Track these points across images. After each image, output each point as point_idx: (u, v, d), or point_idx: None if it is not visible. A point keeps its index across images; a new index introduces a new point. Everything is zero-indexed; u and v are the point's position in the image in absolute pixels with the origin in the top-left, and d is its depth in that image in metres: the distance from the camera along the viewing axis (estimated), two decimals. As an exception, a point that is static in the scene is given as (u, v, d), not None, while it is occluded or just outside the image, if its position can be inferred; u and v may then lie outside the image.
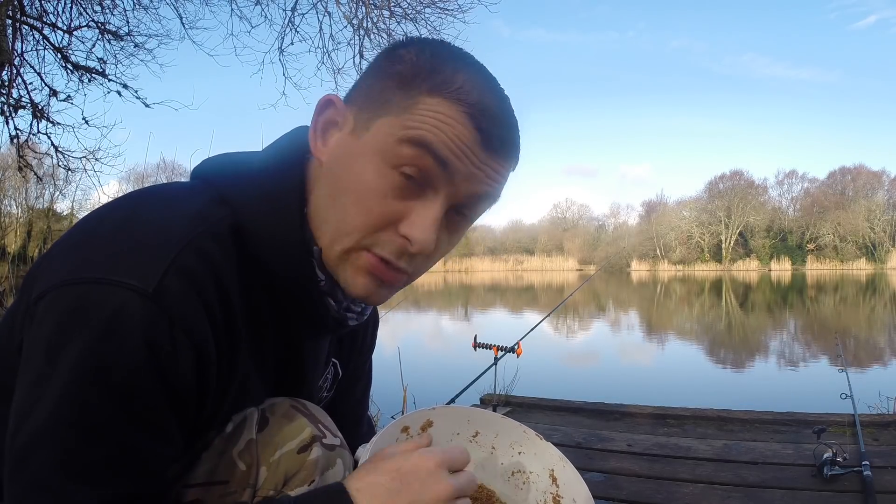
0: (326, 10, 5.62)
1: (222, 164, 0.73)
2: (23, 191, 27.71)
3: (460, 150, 0.64)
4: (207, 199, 0.67)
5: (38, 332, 0.57)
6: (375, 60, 0.71)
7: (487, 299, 21.99)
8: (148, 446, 0.58)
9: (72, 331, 0.55)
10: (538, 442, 0.88)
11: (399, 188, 0.64)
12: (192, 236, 0.61)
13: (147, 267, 0.57)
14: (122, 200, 0.67)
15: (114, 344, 0.55)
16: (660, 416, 3.55)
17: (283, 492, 0.71)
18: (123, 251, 0.58)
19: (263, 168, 0.70)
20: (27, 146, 5.94)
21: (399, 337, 10.59)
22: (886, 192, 53.56)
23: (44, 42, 5.53)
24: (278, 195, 0.68)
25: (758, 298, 22.48)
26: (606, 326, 13.76)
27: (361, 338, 0.97)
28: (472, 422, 0.87)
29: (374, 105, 0.66)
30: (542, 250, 61.70)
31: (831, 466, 2.35)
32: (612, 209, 65.77)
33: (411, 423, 0.84)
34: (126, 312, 0.55)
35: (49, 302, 0.57)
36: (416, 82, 0.64)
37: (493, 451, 0.88)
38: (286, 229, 0.67)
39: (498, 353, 3.84)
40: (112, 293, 0.55)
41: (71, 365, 0.54)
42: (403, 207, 0.65)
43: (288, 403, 0.75)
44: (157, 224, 0.61)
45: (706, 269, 52.95)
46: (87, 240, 0.62)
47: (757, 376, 7.40)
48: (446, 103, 0.63)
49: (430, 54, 0.67)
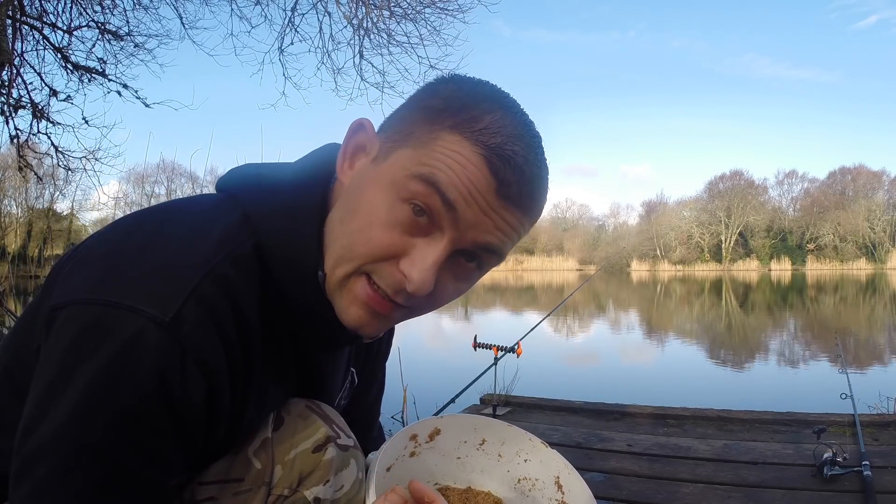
0: (326, 10, 5.63)
1: (249, 178, 0.72)
2: (23, 191, 27.73)
3: (470, 194, 0.61)
4: (233, 220, 0.66)
5: (54, 345, 0.57)
6: (415, 92, 0.70)
7: (487, 299, 21.97)
8: (147, 474, 0.58)
9: (86, 351, 0.55)
10: (544, 450, 0.90)
11: (406, 223, 0.62)
12: (214, 262, 0.61)
13: (166, 294, 0.57)
14: (149, 214, 0.67)
15: (126, 370, 0.55)
16: (660, 416, 3.55)
17: (297, 490, 0.71)
18: (145, 274, 0.59)
19: (288, 187, 0.70)
20: (27, 146, 5.95)
21: (399, 337, 10.53)
22: (886, 192, 53.62)
23: (44, 42, 5.54)
24: (299, 218, 0.68)
25: (758, 298, 22.47)
26: (606, 326, 13.76)
27: (377, 345, 0.98)
28: (478, 430, 0.89)
29: (398, 135, 0.65)
30: (542, 250, 61.66)
31: (831, 466, 2.35)
32: (612, 209, 65.85)
33: (419, 431, 0.85)
34: (141, 340, 0.55)
35: (67, 316, 0.57)
36: (442, 117, 0.62)
37: (499, 458, 0.90)
38: (303, 253, 0.67)
39: (498, 353, 3.84)
40: (129, 319, 0.56)
41: (82, 385, 0.55)
42: (407, 243, 0.63)
43: (303, 404, 0.76)
44: (180, 246, 0.61)
45: (706, 269, 52.94)
46: (112, 255, 0.61)
47: (757, 376, 7.40)
48: (465, 143, 0.61)
49: (466, 92, 0.64)
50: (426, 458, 0.86)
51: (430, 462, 0.86)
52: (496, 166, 0.61)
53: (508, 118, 0.63)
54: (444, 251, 0.63)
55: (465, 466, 0.89)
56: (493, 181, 0.61)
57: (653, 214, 58.95)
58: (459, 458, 0.89)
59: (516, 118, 0.64)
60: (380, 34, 5.64)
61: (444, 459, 0.88)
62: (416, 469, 0.85)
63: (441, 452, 0.87)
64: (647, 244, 56.67)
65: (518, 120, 0.64)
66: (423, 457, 0.86)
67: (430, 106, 0.64)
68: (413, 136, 0.63)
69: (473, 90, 0.65)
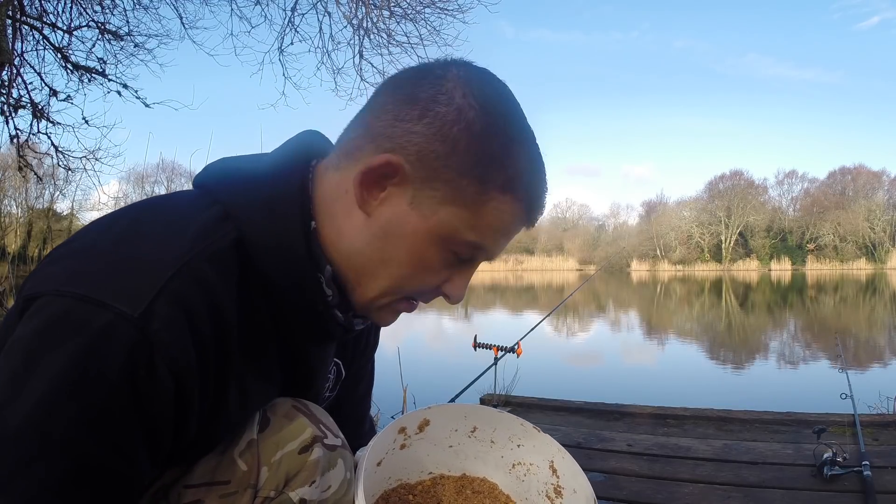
0: (326, 10, 5.63)
1: (224, 173, 0.72)
2: (23, 191, 27.70)
3: (507, 238, 0.71)
4: (211, 215, 0.66)
5: (21, 332, 0.57)
6: (419, 94, 0.66)
7: (487, 299, 21.97)
8: (112, 467, 0.57)
9: (53, 343, 0.55)
10: (537, 434, 0.89)
11: (450, 262, 0.71)
12: (189, 257, 0.61)
13: (138, 290, 0.57)
14: (128, 210, 0.67)
15: (93, 364, 0.55)
16: (660, 416, 3.55)
17: (283, 492, 0.71)
18: (118, 269, 0.59)
19: (266, 179, 0.69)
20: (27, 146, 5.95)
21: (399, 337, 10.58)
22: (886, 192, 53.59)
23: (44, 42, 5.54)
24: (282, 211, 0.67)
25: (758, 298, 22.47)
26: (606, 326, 13.76)
27: (365, 339, 0.98)
28: (469, 417, 0.89)
29: (443, 188, 0.65)
30: (542, 250, 61.67)
31: (831, 466, 2.35)
32: (612, 209, 65.84)
33: (408, 423, 0.85)
34: (108, 335, 0.55)
35: (38, 307, 0.57)
36: (492, 175, 0.65)
37: (492, 444, 0.89)
38: (290, 245, 0.67)
39: (498, 353, 3.84)
40: (97, 313, 0.56)
41: (48, 377, 0.54)
42: (448, 274, 0.72)
43: (289, 403, 0.75)
44: (155, 242, 0.61)
45: (706, 269, 52.94)
46: (87, 249, 0.62)
47: (757, 376, 7.40)
48: (514, 202, 0.67)
49: (501, 130, 0.66)
50: (417, 448, 0.85)
51: (422, 452, 0.86)
52: (531, 211, 0.70)
53: (531, 147, 0.69)
54: (475, 269, 0.74)
55: (459, 454, 0.88)
56: (526, 221, 0.71)
57: (653, 214, 58.95)
58: (452, 447, 0.88)
59: (532, 142, 0.70)
60: (380, 34, 5.65)
61: (435, 449, 0.87)
62: (407, 461, 0.85)
63: (432, 442, 0.87)
64: (647, 244, 56.66)
65: (534, 144, 0.70)
66: (413, 448, 0.85)
67: (470, 150, 0.65)
68: (464, 194, 0.66)
69: (495, 110, 0.66)
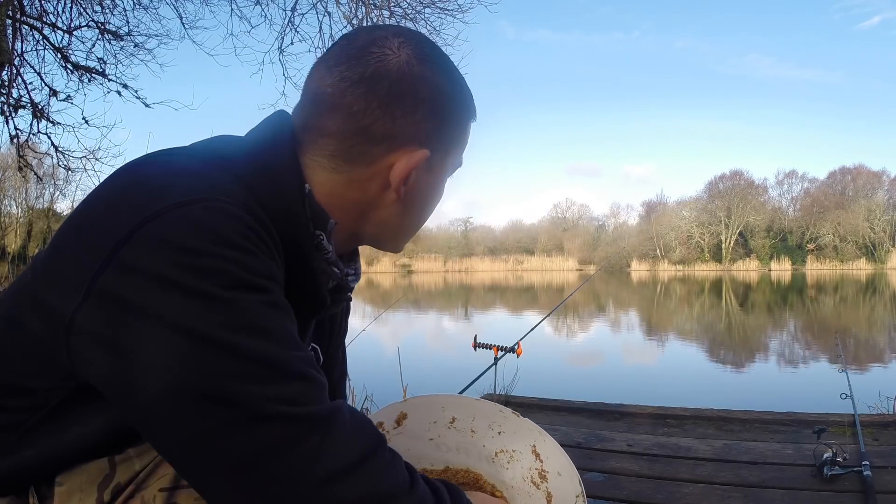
0: (326, 10, 5.63)
1: (219, 144, 0.71)
2: (23, 191, 27.72)
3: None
4: (226, 176, 0.64)
5: (142, 281, 0.53)
6: (421, 88, 0.70)
7: (487, 299, 21.98)
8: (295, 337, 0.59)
9: (190, 255, 0.53)
10: (516, 420, 0.88)
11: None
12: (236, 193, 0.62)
13: (210, 188, 0.60)
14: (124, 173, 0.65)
15: (229, 248, 0.55)
16: (660, 416, 3.55)
17: None
18: (185, 183, 0.60)
19: (258, 150, 0.69)
20: (27, 146, 5.95)
21: (399, 337, 10.59)
22: (886, 192, 53.63)
23: (44, 42, 5.54)
24: (279, 173, 0.68)
25: (758, 298, 22.48)
26: (606, 326, 13.77)
27: (339, 323, 0.97)
28: (447, 408, 0.87)
29: (447, 144, 0.76)
30: (542, 250, 61.70)
31: (831, 466, 2.35)
32: (612, 209, 65.85)
33: (384, 418, 0.85)
34: (227, 213, 0.57)
35: (141, 243, 0.54)
36: (468, 116, 0.78)
37: (472, 434, 0.88)
38: (291, 204, 0.67)
39: (498, 353, 3.84)
40: (210, 207, 0.57)
41: (214, 282, 0.53)
42: None
43: None
44: (198, 177, 0.62)
45: (706, 269, 52.95)
46: (132, 188, 0.61)
47: (757, 376, 7.41)
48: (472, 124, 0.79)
49: (456, 80, 0.75)
50: (396, 443, 0.83)
51: (402, 447, 0.83)
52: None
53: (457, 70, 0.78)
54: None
55: (440, 447, 0.87)
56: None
57: (653, 214, 58.97)
58: (432, 440, 0.87)
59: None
60: (379, 34, 5.64)
61: (416, 442, 0.86)
62: None
63: (411, 436, 0.86)
64: (647, 244, 56.68)
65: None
66: (393, 443, 0.82)
67: (458, 111, 0.75)
68: (457, 139, 0.77)
69: (455, 71, 0.76)
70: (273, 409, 0.53)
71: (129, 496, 0.62)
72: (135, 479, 0.63)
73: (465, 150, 0.82)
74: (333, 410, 0.57)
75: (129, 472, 0.63)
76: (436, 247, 61.70)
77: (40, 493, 0.63)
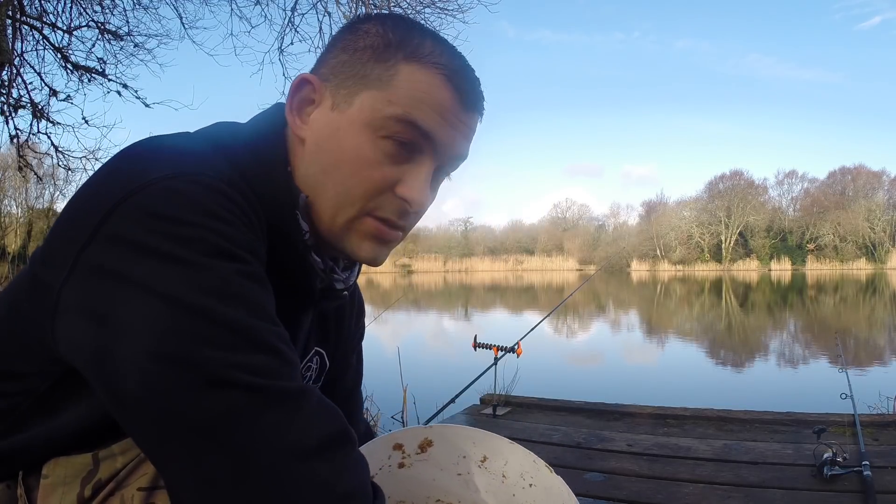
0: (326, 10, 5.63)
1: (217, 130, 0.72)
2: (23, 191, 27.72)
3: (443, 117, 0.67)
4: (218, 156, 0.65)
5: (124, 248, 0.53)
6: (338, 37, 0.71)
7: (487, 299, 21.99)
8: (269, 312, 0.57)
9: (171, 222, 0.53)
10: (548, 474, 0.83)
11: (391, 155, 0.67)
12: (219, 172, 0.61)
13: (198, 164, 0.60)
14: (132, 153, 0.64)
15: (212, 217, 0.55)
16: (660, 416, 3.55)
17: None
18: (173, 160, 0.59)
19: (252, 133, 0.70)
20: (27, 146, 5.96)
21: (399, 337, 10.59)
22: (886, 192, 53.64)
23: (44, 42, 5.54)
24: (269, 156, 0.68)
25: (758, 298, 22.48)
26: (606, 326, 13.77)
27: (347, 325, 0.94)
28: (477, 444, 0.83)
29: (351, 80, 0.67)
30: (542, 250, 61.70)
31: (831, 466, 2.35)
32: (612, 209, 65.90)
33: (405, 441, 0.80)
34: (215, 189, 0.57)
35: (125, 214, 0.54)
36: (391, 52, 0.66)
37: (503, 479, 0.83)
38: (285, 200, 0.67)
39: (498, 353, 3.85)
40: (196, 181, 0.56)
41: (193, 249, 0.53)
42: (398, 171, 0.67)
43: None
44: (189, 157, 0.62)
45: (706, 269, 52.95)
46: (121, 166, 0.60)
47: (757, 376, 7.41)
48: (424, 70, 0.66)
49: (392, 25, 0.68)
50: (421, 470, 0.81)
51: (427, 475, 0.81)
52: (455, 81, 0.67)
53: (438, 39, 0.69)
54: (430, 169, 0.69)
55: (469, 484, 0.82)
56: (455, 94, 0.67)
57: (653, 214, 58.96)
58: (460, 475, 0.82)
59: (439, 36, 0.70)
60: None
61: (443, 474, 0.82)
62: (410, 482, 0.80)
63: (438, 466, 0.82)
64: (647, 244, 56.68)
65: (442, 38, 0.70)
66: (416, 469, 0.81)
67: (370, 45, 0.67)
68: (370, 76, 0.66)
69: (398, 23, 0.69)
70: (235, 376, 0.51)
71: (110, 493, 0.62)
72: (115, 477, 0.62)
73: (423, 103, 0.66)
74: (301, 390, 0.55)
75: (111, 468, 0.62)
76: (436, 247, 61.74)
77: (27, 484, 0.63)
